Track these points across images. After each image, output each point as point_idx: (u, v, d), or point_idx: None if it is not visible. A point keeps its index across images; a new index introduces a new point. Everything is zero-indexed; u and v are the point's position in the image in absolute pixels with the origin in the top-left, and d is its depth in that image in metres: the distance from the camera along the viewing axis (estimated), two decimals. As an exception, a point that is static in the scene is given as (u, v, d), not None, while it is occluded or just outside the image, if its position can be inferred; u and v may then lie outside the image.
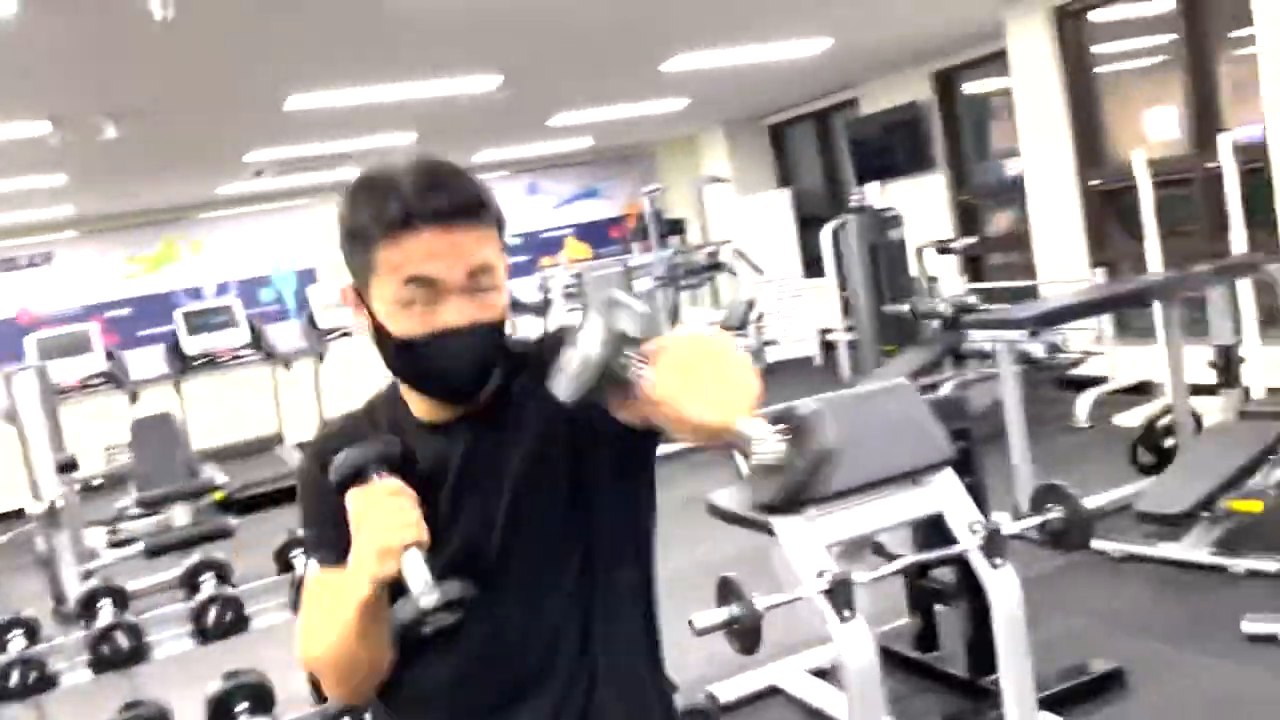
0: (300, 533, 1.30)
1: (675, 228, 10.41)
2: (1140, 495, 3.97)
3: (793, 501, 2.53)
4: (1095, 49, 6.70)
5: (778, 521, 2.71)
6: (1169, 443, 4.70)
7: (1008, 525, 2.88)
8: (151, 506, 5.91)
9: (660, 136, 10.96)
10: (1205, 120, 5.94)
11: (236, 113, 5.96)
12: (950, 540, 2.88)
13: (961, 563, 3.07)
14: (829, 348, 9.69)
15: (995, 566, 2.78)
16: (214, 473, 6.43)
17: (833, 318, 9.05)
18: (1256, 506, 3.77)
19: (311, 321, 8.65)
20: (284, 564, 3.09)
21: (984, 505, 3.03)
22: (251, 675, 2.67)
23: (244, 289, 9.87)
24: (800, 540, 2.69)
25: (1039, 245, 7.16)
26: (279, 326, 9.41)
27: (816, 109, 10.12)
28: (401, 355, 1.15)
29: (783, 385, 8.01)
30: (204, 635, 2.73)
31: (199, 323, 8.42)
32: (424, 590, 1.06)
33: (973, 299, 6.71)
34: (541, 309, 9.27)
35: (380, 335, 1.16)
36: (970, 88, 8.66)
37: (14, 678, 2.62)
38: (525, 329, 9.29)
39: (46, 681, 2.68)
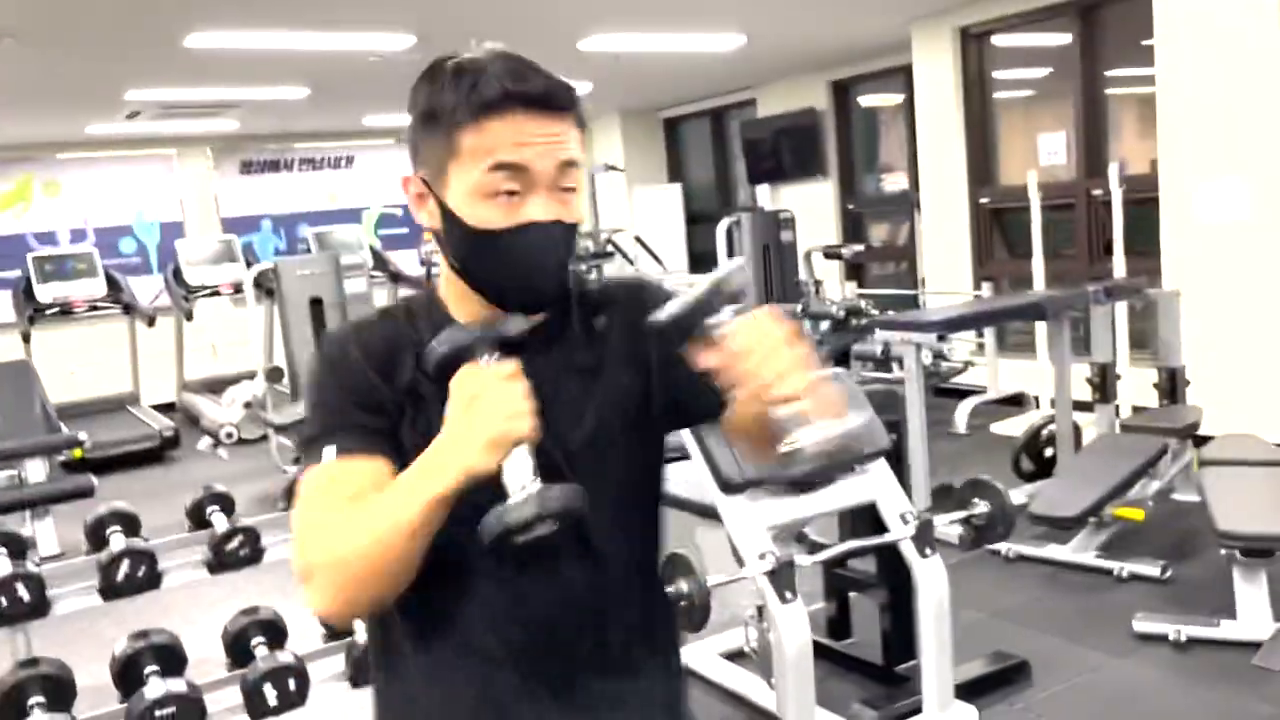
0: (305, 428, 1.12)
1: (564, 212, 10.34)
2: (1033, 499, 4.15)
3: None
4: (995, 73, 6.98)
5: (724, 503, 2.71)
6: (1049, 452, 4.95)
7: (938, 518, 2.97)
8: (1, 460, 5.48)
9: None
10: (1092, 149, 6.27)
11: (130, 44, 5.57)
12: (876, 529, 2.96)
13: (881, 551, 3.15)
14: (711, 343, 9.79)
15: (925, 556, 2.86)
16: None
17: (718, 314, 9.14)
18: (1139, 515, 3.99)
19: (178, 276, 8.19)
20: (198, 520, 2.88)
21: (910, 497, 3.11)
22: (162, 635, 2.49)
23: (103, 237, 9.26)
24: (745, 522, 2.70)
25: (927, 257, 7.42)
26: (140, 280, 8.88)
27: (713, 106, 10.22)
28: (479, 248, 1.07)
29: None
30: (113, 591, 2.52)
31: (53, 269, 7.83)
32: (531, 492, 0.95)
33: (863, 304, 6.92)
34: (423, 284, 9.09)
35: (452, 227, 1.08)
36: (865, 100, 8.90)
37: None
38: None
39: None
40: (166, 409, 8.38)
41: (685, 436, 2.76)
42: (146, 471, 7.04)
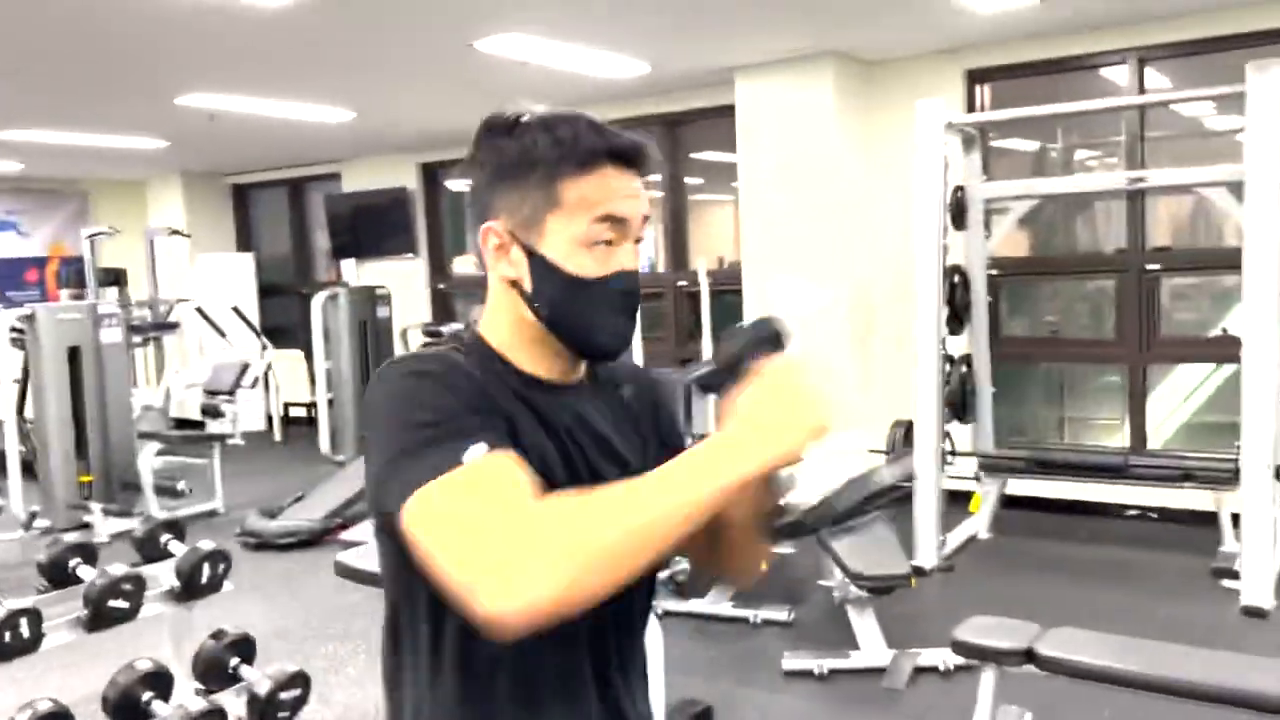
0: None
1: (115, 278, 9.31)
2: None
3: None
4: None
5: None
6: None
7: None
8: None
9: (104, 175, 9.84)
10: (678, 246, 7.05)
11: None
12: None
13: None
14: (290, 422, 9.34)
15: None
16: None
17: (299, 391, 8.82)
18: (764, 565, 4.51)
19: None
20: None
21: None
22: None
23: None
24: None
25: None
26: None
27: (291, 177, 9.89)
28: (577, 295, 1.10)
29: (245, 464, 7.53)
30: None
31: None
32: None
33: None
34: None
35: (547, 275, 1.10)
36: (453, 185, 9.16)
37: None
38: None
39: None
40: None
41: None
42: None
